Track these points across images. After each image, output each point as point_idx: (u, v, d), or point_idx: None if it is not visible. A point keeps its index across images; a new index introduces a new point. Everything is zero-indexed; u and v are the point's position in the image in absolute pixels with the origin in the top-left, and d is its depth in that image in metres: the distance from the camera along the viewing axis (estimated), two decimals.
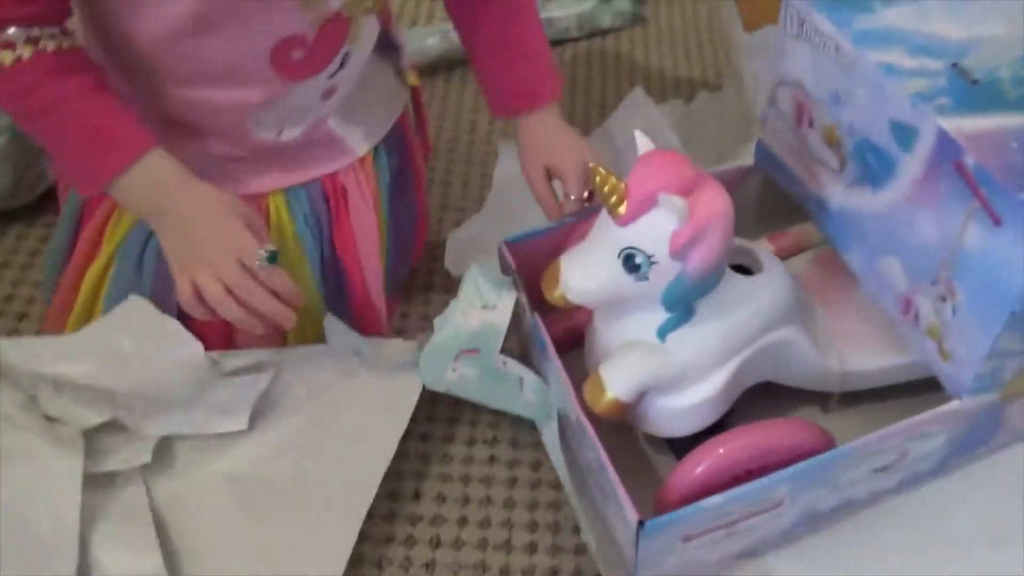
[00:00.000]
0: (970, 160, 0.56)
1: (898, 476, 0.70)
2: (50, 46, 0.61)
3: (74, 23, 0.65)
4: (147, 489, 0.68)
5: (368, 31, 0.71)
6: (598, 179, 0.60)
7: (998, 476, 0.73)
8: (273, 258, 0.62)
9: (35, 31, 0.60)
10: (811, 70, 0.69)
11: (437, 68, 1.21)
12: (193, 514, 0.68)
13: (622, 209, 0.59)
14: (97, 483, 0.66)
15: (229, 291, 0.61)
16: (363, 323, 0.79)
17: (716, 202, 0.60)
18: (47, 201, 0.96)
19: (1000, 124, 0.58)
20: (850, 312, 0.73)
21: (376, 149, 0.79)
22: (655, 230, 0.59)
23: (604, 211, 0.61)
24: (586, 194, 0.74)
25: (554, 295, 0.64)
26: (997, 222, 0.56)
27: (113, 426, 0.68)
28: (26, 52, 0.60)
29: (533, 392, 0.71)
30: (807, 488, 0.65)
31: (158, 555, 0.64)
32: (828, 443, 0.66)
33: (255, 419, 0.71)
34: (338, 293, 0.79)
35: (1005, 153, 0.56)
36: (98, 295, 0.74)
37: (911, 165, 0.62)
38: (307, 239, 0.75)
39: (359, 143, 0.77)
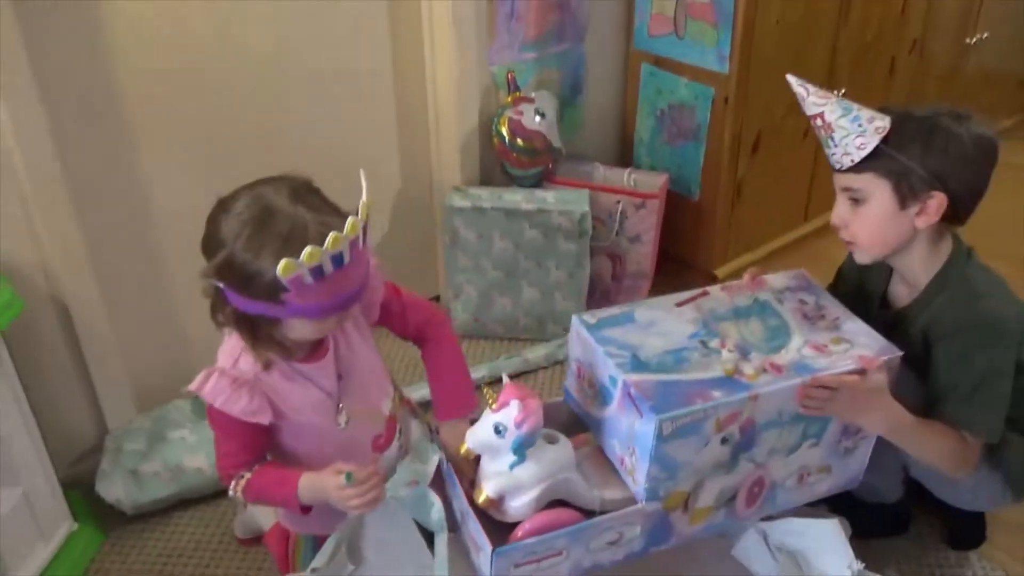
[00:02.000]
0: (632, 390, 1.23)
1: (623, 551, 1.31)
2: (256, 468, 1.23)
3: None
4: None
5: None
6: (486, 393, 1.23)
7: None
8: (348, 477, 1.16)
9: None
10: (584, 355, 1.37)
11: None
12: None
13: (494, 404, 1.22)
14: None
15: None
16: None
17: (533, 404, 1.20)
18: None
19: (647, 377, 1.25)
20: (601, 463, 1.36)
21: None
22: (507, 415, 1.21)
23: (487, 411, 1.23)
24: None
25: (462, 452, 1.27)
26: (641, 415, 1.22)
27: None
28: (246, 477, 1.22)
29: (437, 512, 1.28)
30: (573, 543, 1.24)
31: None
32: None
33: None
34: None
35: (647, 387, 1.23)
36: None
37: (615, 394, 1.28)
38: None
39: None
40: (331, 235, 1.03)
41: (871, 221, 1.34)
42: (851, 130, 1.28)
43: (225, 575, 1.56)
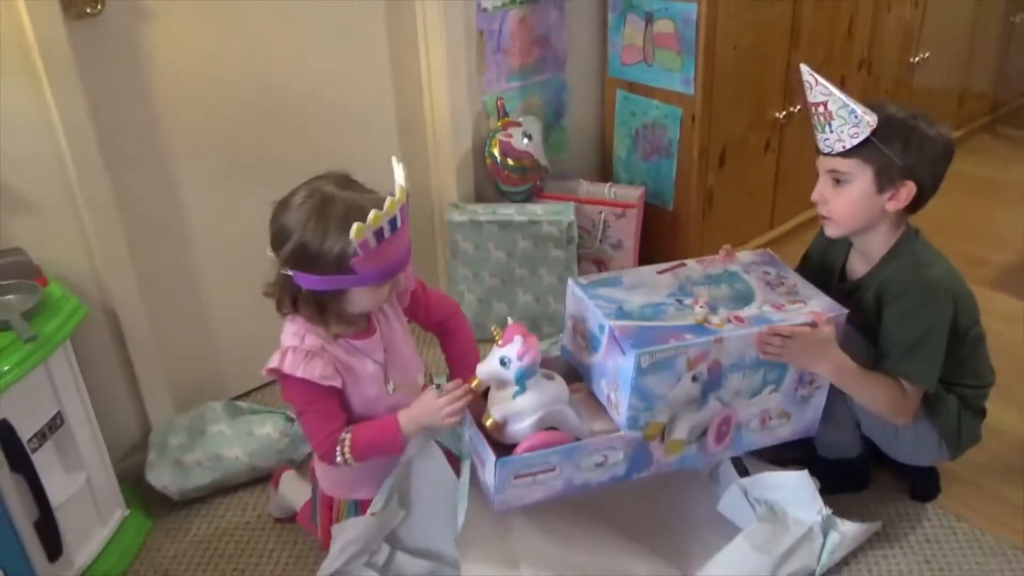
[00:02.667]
0: (616, 333, 1.44)
1: (608, 473, 1.52)
2: (349, 431, 1.41)
3: None
4: None
5: None
6: (493, 331, 1.43)
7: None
8: (437, 388, 1.43)
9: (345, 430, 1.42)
10: (577, 310, 1.59)
11: None
12: None
13: (500, 340, 1.41)
14: None
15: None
16: None
17: (533, 340, 1.41)
18: None
19: (629, 323, 1.48)
20: (592, 404, 1.57)
21: None
22: (511, 349, 1.40)
23: (495, 348, 1.43)
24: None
25: (474, 384, 1.45)
26: (623, 352, 1.43)
27: None
28: (347, 439, 1.41)
29: (464, 442, 1.52)
30: (565, 461, 1.46)
31: None
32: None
33: None
34: None
35: (628, 330, 1.45)
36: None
37: (602, 339, 1.50)
38: None
39: None
40: (387, 200, 1.27)
41: (850, 200, 1.56)
42: (847, 120, 1.50)
43: (263, 551, 1.74)
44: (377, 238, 1.28)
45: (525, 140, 2.23)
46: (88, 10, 1.62)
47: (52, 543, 1.55)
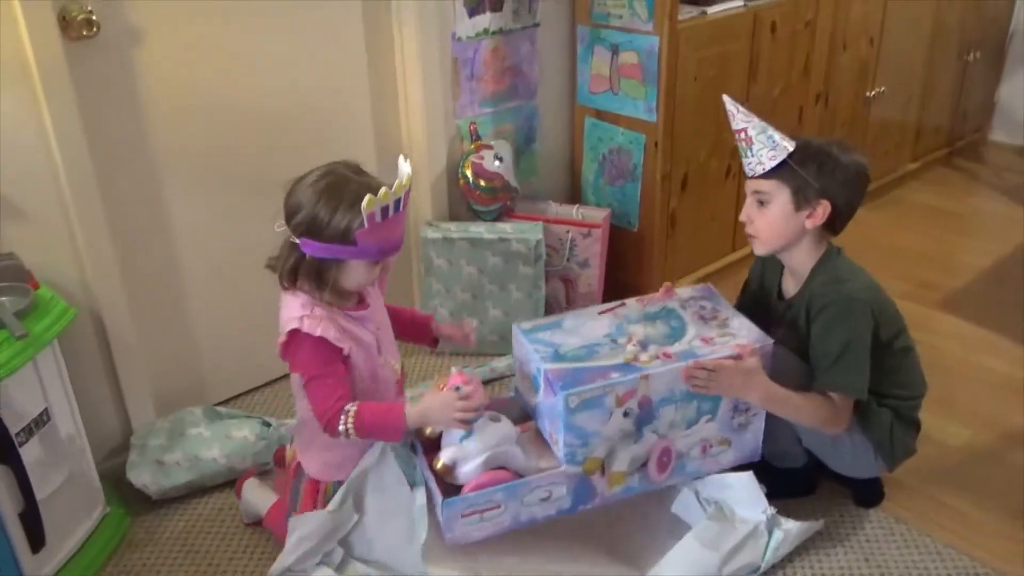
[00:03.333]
0: (549, 375, 1.57)
1: (554, 507, 1.63)
2: (355, 404, 1.52)
3: None
4: None
5: None
6: (437, 380, 1.60)
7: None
8: (457, 388, 1.55)
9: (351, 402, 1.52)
10: (521, 354, 1.73)
11: None
12: None
13: (443, 387, 1.57)
14: None
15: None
16: None
17: (477, 385, 1.56)
18: None
19: (561, 366, 1.60)
20: (540, 442, 1.68)
21: None
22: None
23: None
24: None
25: (427, 432, 1.64)
26: (555, 393, 1.54)
27: None
28: (352, 411, 1.51)
29: (417, 470, 1.64)
30: (509, 498, 1.57)
31: None
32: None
33: None
34: None
35: (560, 372, 1.57)
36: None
37: (540, 381, 1.61)
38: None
39: None
40: (396, 182, 1.44)
41: (772, 219, 1.69)
42: (766, 144, 1.65)
43: (237, 549, 1.82)
44: (383, 214, 1.43)
45: (496, 162, 2.34)
46: (85, 32, 1.72)
47: (36, 534, 1.62)
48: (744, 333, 1.69)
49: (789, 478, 1.87)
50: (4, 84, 1.64)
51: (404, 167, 1.50)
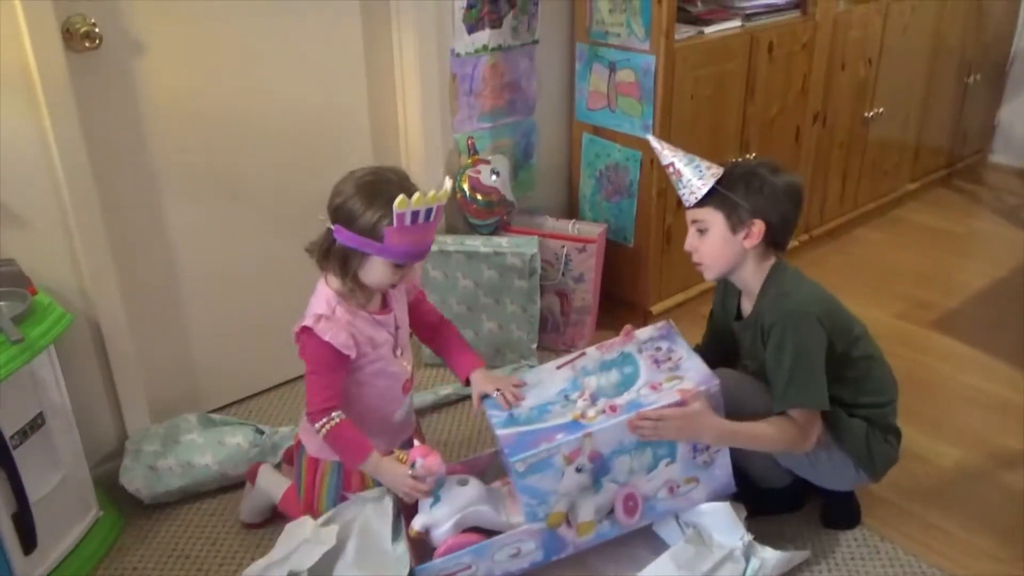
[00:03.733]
0: (501, 442, 1.63)
1: (526, 561, 1.67)
2: (341, 416, 1.61)
3: None
4: None
5: None
6: (397, 453, 1.65)
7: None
8: (412, 466, 1.62)
9: (339, 411, 1.61)
10: (488, 420, 1.75)
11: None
12: None
13: (405, 460, 1.62)
14: None
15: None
16: None
17: (432, 460, 1.61)
18: None
19: (513, 430, 1.65)
20: (517, 499, 1.66)
21: None
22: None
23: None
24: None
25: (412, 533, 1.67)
26: (507, 459, 1.59)
27: None
28: (336, 419, 1.60)
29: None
30: (478, 558, 1.61)
31: None
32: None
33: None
34: None
35: (510, 438, 1.62)
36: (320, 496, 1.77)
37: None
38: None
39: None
40: (432, 191, 1.51)
41: (712, 245, 1.73)
42: (694, 175, 1.70)
43: (227, 554, 1.84)
44: (412, 218, 1.50)
45: (493, 177, 2.37)
46: (87, 44, 1.76)
47: (28, 536, 1.65)
48: (692, 375, 1.68)
49: (775, 497, 1.88)
50: (7, 93, 1.68)
51: (447, 183, 1.60)
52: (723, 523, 1.71)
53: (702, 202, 1.70)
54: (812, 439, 1.68)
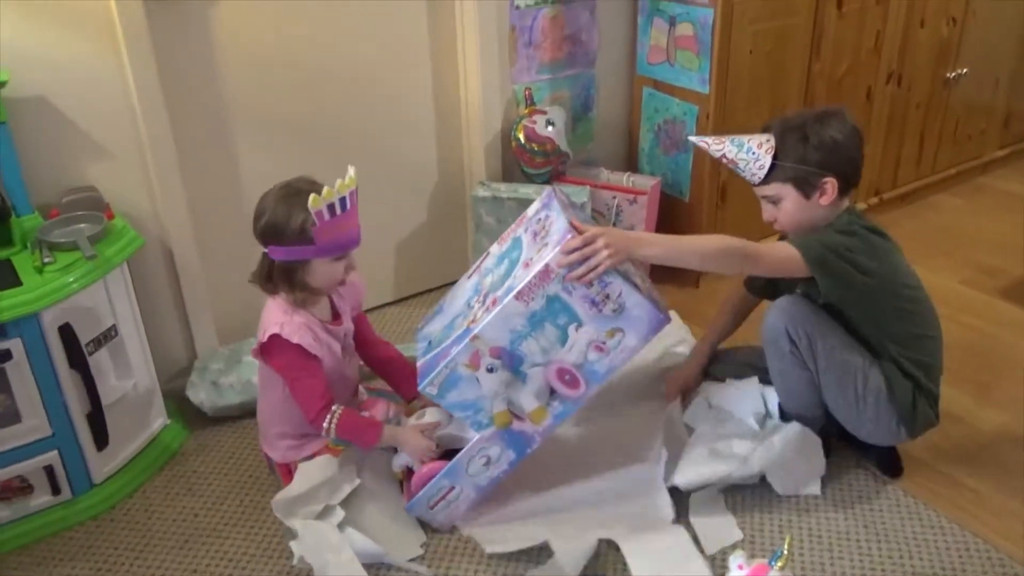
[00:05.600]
0: (420, 371, 1.69)
1: (503, 465, 1.70)
2: (340, 408, 1.71)
3: None
4: None
5: None
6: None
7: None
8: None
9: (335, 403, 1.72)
10: None
11: None
12: None
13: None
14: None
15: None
16: None
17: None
18: None
19: (426, 358, 1.70)
20: None
21: None
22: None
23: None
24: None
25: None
26: (434, 397, 1.64)
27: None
28: (337, 412, 1.70)
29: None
30: (455, 478, 1.69)
31: None
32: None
33: None
34: None
35: (424, 366, 1.68)
36: None
37: None
38: None
39: None
40: (338, 182, 1.59)
41: (790, 214, 1.75)
42: (749, 159, 1.73)
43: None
44: (330, 211, 1.58)
45: (549, 127, 2.44)
46: None
47: (100, 434, 1.85)
48: (553, 237, 1.56)
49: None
50: (91, 37, 1.85)
51: (349, 171, 1.64)
52: (748, 400, 1.86)
53: (766, 179, 1.72)
54: (761, 261, 1.66)
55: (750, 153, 1.71)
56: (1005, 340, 2.40)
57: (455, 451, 1.72)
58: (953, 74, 3.09)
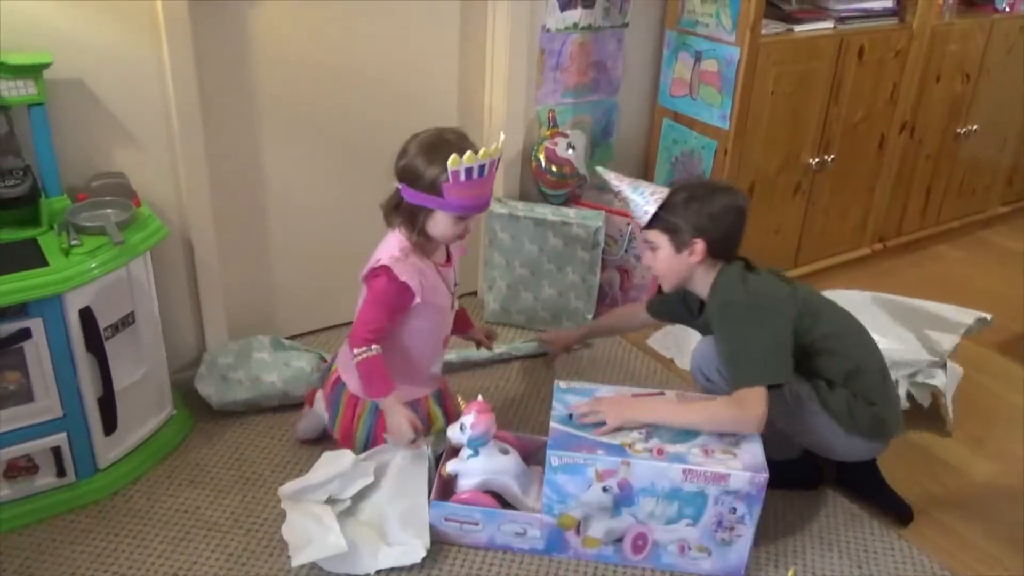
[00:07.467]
0: (551, 433, 1.73)
1: (528, 543, 1.78)
2: (380, 350, 1.75)
3: None
4: None
5: None
6: (459, 400, 1.86)
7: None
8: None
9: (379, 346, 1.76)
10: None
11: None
12: None
13: (464, 409, 1.79)
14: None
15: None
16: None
17: (486, 416, 1.77)
18: None
19: (565, 428, 1.76)
20: (539, 488, 1.78)
21: None
22: (468, 419, 1.76)
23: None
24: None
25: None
26: (549, 466, 1.70)
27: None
28: (375, 351, 1.74)
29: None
30: (487, 521, 1.75)
31: None
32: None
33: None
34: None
35: (559, 433, 1.73)
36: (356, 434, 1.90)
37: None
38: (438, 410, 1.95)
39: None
40: (483, 149, 1.66)
41: (662, 262, 1.85)
42: (639, 202, 1.83)
43: (280, 462, 2.02)
44: (467, 174, 1.64)
45: (570, 151, 2.48)
46: None
47: (109, 419, 1.86)
48: (746, 458, 1.68)
49: (788, 468, 1.93)
50: (135, 29, 1.88)
51: (500, 137, 1.73)
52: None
53: (650, 224, 1.83)
54: (755, 418, 1.68)
55: (641, 196, 1.82)
56: (998, 392, 2.44)
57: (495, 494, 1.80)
58: (963, 129, 3.16)
